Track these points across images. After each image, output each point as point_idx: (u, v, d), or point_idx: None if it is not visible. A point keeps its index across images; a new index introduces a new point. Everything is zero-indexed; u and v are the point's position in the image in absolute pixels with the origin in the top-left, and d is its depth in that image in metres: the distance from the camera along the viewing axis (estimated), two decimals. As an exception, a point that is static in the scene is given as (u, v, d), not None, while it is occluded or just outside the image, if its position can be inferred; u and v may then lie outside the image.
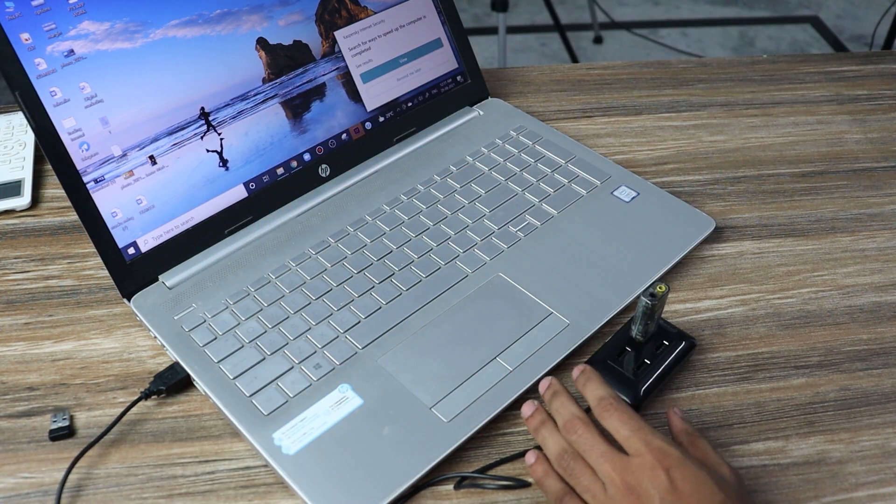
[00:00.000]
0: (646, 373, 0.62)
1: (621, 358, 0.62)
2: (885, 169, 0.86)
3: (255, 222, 0.74)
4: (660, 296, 0.59)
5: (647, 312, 0.60)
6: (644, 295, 0.59)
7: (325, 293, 0.68)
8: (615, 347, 0.63)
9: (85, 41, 0.65)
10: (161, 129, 0.69)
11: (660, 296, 0.59)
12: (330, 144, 0.79)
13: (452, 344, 0.64)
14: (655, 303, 0.59)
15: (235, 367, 0.62)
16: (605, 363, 0.62)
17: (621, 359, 0.62)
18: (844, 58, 1.03)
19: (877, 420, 0.62)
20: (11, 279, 0.71)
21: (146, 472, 0.58)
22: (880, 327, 0.68)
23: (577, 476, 0.51)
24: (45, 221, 0.77)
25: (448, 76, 0.87)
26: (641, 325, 0.61)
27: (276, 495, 0.57)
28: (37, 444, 0.59)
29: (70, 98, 0.65)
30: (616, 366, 0.62)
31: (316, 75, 0.77)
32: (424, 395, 0.60)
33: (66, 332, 0.67)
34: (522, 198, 0.77)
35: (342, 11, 0.79)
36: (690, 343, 0.64)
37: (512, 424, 0.61)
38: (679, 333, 0.64)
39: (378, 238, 0.73)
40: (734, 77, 0.98)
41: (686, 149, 0.88)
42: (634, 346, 0.63)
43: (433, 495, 0.56)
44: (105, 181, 0.67)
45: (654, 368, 0.62)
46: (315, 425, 0.58)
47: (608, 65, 1.00)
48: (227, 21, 0.72)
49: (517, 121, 0.87)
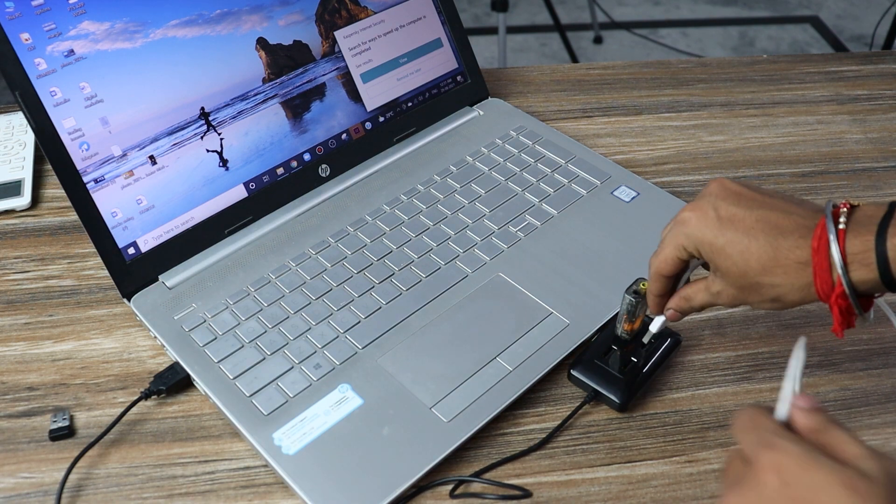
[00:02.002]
0: (633, 371, 0.62)
1: (607, 357, 0.62)
2: (885, 169, 0.86)
3: (255, 222, 0.74)
4: (643, 292, 0.59)
5: (631, 310, 0.60)
6: (627, 292, 0.59)
7: (325, 293, 0.68)
8: (601, 346, 0.63)
9: (85, 41, 0.65)
10: (161, 129, 0.69)
11: (643, 292, 0.59)
12: (330, 144, 0.79)
13: (452, 344, 0.64)
14: (640, 300, 0.59)
15: (235, 367, 0.62)
16: (592, 362, 0.62)
17: (607, 357, 0.62)
18: (844, 58, 1.03)
19: (877, 420, 0.62)
20: (11, 279, 0.71)
21: (146, 472, 0.58)
22: (880, 327, 0.68)
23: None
24: (45, 221, 0.77)
25: (448, 76, 0.87)
26: (626, 323, 0.61)
27: (276, 495, 0.57)
28: (37, 444, 0.59)
29: (70, 98, 0.65)
30: (603, 365, 0.62)
31: (316, 75, 0.77)
32: (424, 395, 0.60)
33: (66, 332, 0.67)
34: (522, 198, 0.77)
35: (342, 11, 0.79)
36: (676, 340, 0.64)
37: (512, 424, 0.61)
38: (665, 330, 0.64)
39: (378, 238, 0.73)
40: (734, 77, 0.98)
41: (686, 149, 0.88)
42: (620, 345, 0.63)
43: (433, 496, 0.56)
44: (105, 181, 0.67)
45: (641, 366, 0.62)
46: (315, 425, 0.58)
47: (608, 65, 1.00)
48: (227, 21, 0.72)
49: (517, 121, 0.87)
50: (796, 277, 0.48)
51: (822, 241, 0.47)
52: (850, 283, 0.46)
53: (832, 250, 0.46)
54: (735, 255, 0.50)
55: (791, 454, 0.38)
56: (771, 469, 0.39)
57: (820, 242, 0.47)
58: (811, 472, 0.38)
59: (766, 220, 0.49)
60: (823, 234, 0.47)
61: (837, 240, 0.46)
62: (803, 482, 0.38)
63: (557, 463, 0.59)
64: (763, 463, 0.39)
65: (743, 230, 0.49)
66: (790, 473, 0.38)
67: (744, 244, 0.49)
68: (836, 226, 0.46)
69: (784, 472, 0.38)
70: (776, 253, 0.48)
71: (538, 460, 0.59)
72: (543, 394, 0.63)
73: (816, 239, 0.47)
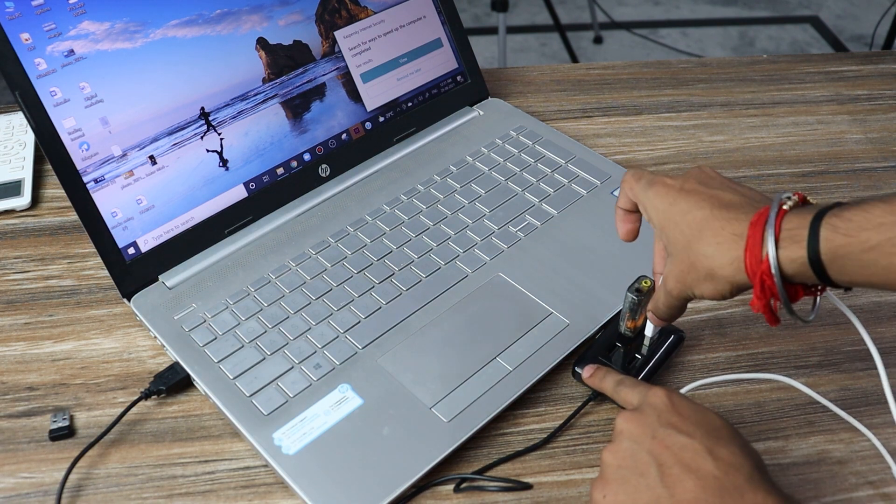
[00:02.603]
0: (636, 368, 0.62)
1: (611, 354, 0.62)
2: (885, 169, 0.86)
3: (255, 222, 0.74)
4: (645, 290, 0.59)
5: (633, 307, 0.60)
6: (629, 290, 0.59)
7: (325, 293, 0.68)
8: (605, 344, 0.63)
9: (85, 41, 0.65)
10: (161, 129, 0.69)
11: (645, 290, 0.59)
12: (330, 144, 0.79)
13: (452, 344, 0.64)
14: (642, 297, 0.59)
15: (235, 367, 0.62)
16: (596, 359, 0.62)
17: (611, 355, 0.62)
18: (844, 58, 1.03)
19: (877, 420, 0.61)
20: (11, 279, 0.71)
21: (146, 472, 0.58)
22: (880, 327, 0.68)
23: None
24: (45, 221, 0.77)
25: (448, 76, 0.87)
26: (629, 321, 0.61)
27: (276, 495, 0.57)
28: (37, 444, 0.59)
29: (70, 98, 0.65)
30: (606, 362, 0.62)
31: (316, 75, 0.77)
32: (424, 395, 0.60)
33: (66, 332, 0.67)
34: (522, 198, 0.77)
35: (342, 11, 0.79)
36: (679, 336, 0.64)
37: (512, 424, 0.61)
38: (668, 327, 0.64)
39: (378, 238, 0.73)
40: (734, 77, 0.98)
41: (686, 149, 0.88)
42: (624, 342, 0.63)
43: (433, 495, 0.56)
44: (105, 181, 0.67)
45: (644, 363, 0.62)
46: (315, 425, 0.58)
47: (608, 65, 1.00)
48: (227, 21, 0.72)
49: (517, 121, 0.87)
50: (728, 248, 0.48)
51: (761, 216, 0.47)
52: (777, 259, 0.46)
53: (768, 224, 0.46)
54: (678, 218, 0.51)
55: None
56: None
57: (759, 217, 0.47)
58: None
59: (718, 197, 0.51)
60: (765, 212, 0.47)
61: (777, 217, 0.47)
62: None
63: (557, 463, 0.59)
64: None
65: (694, 201, 0.51)
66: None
67: (688, 210, 0.51)
68: (780, 207, 0.47)
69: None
70: (715, 222, 0.49)
71: (538, 460, 0.59)
72: (543, 394, 0.63)
73: (757, 214, 0.48)
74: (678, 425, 0.48)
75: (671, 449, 0.47)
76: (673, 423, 0.48)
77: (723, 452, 0.46)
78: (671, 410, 0.49)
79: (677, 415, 0.49)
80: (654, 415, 0.49)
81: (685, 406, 0.50)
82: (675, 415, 0.49)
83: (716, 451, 0.46)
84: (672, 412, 0.49)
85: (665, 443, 0.48)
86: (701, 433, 0.48)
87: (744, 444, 0.48)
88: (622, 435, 0.50)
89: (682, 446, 0.47)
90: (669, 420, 0.49)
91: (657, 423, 0.49)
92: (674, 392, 0.51)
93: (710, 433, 0.48)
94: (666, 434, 0.48)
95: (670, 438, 0.48)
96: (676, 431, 0.48)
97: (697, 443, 0.47)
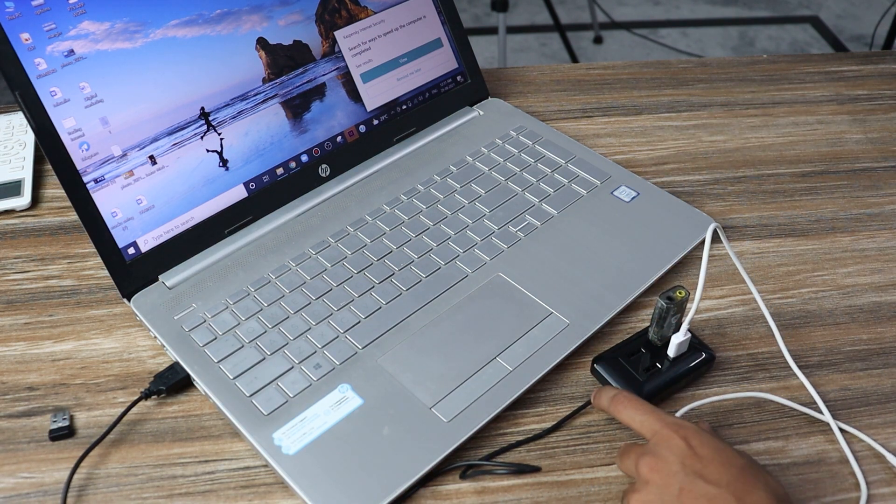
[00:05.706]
0: (654, 376, 0.61)
1: (634, 358, 0.62)
2: (885, 169, 0.86)
3: (255, 222, 0.74)
4: (678, 300, 0.59)
5: (661, 315, 0.60)
6: (661, 296, 0.59)
7: (325, 293, 0.68)
8: (631, 347, 0.63)
9: (85, 41, 0.65)
10: (161, 129, 0.69)
11: (678, 300, 0.59)
12: (330, 144, 0.79)
13: (452, 344, 0.64)
14: (671, 306, 0.59)
15: (235, 367, 0.62)
16: (616, 360, 0.62)
17: (634, 358, 0.62)
18: (844, 58, 1.03)
19: (877, 420, 0.62)
20: (11, 279, 0.72)
21: (146, 472, 0.58)
22: (880, 327, 0.68)
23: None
24: (45, 221, 0.78)
25: (448, 76, 0.87)
26: (657, 327, 0.61)
27: (276, 495, 0.57)
28: (37, 444, 0.59)
29: (70, 98, 0.65)
30: (626, 364, 0.62)
31: (316, 75, 0.77)
32: (424, 395, 0.60)
33: (66, 332, 0.67)
34: (522, 198, 0.77)
35: (342, 11, 0.79)
36: (710, 356, 0.63)
37: (512, 424, 0.61)
38: (699, 345, 0.63)
39: (378, 238, 0.73)
40: (734, 77, 0.98)
41: (686, 149, 0.88)
42: (649, 349, 0.62)
43: (433, 495, 0.56)
44: (105, 181, 0.67)
45: (663, 374, 0.61)
46: (315, 425, 0.58)
47: (608, 65, 1.00)
48: (227, 21, 0.72)
49: (517, 121, 0.87)
50: None
51: None
52: None
53: None
54: None
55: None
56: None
57: None
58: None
59: None
60: None
61: None
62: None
63: (557, 463, 0.59)
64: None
65: None
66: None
67: None
68: None
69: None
70: None
71: (538, 460, 0.59)
72: (543, 394, 0.63)
73: None
74: (703, 474, 0.49)
75: (699, 502, 0.47)
76: (698, 472, 0.49)
77: (751, 499, 0.47)
78: (692, 455, 0.50)
79: (699, 460, 0.49)
80: (677, 462, 0.49)
81: (705, 447, 0.50)
82: (698, 460, 0.49)
83: (745, 500, 0.47)
84: (693, 457, 0.49)
85: (693, 493, 0.48)
86: (727, 479, 0.48)
87: (768, 484, 0.48)
88: (649, 486, 0.50)
89: (711, 498, 0.47)
90: (694, 468, 0.49)
91: (682, 472, 0.49)
92: (687, 428, 0.51)
93: (737, 478, 0.48)
94: (693, 485, 0.48)
95: (698, 489, 0.48)
96: (704, 482, 0.48)
97: (726, 491, 0.47)
